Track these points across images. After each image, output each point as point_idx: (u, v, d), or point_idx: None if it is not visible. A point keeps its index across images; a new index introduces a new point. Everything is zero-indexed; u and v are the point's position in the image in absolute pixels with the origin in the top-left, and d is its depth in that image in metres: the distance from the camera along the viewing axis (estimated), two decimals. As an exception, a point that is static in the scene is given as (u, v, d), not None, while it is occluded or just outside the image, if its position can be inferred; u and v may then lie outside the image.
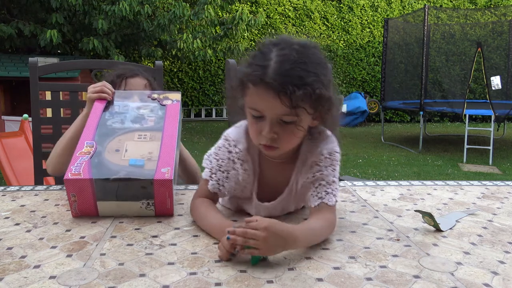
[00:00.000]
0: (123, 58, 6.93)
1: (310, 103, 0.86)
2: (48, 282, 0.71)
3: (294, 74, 0.83)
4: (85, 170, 0.99)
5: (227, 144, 1.01)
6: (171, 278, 0.73)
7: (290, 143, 0.91)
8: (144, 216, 1.02)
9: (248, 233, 0.76)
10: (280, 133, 0.88)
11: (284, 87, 0.82)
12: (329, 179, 0.96)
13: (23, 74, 6.45)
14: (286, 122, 0.87)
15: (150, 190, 0.99)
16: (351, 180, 1.56)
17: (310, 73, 0.84)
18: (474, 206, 1.16)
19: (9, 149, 3.75)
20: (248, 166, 1.00)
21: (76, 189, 0.98)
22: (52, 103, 1.71)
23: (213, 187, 1.00)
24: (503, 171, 5.36)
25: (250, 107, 0.89)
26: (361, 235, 0.93)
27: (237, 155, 0.99)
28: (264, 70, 0.84)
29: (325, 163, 0.96)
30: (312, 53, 0.87)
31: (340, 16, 10.15)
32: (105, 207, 1.01)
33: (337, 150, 0.98)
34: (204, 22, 7.36)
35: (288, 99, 0.82)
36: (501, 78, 6.40)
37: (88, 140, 1.08)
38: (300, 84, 0.82)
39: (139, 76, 1.45)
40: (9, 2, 7.33)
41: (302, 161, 0.98)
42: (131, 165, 1.01)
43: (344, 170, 5.23)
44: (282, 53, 0.85)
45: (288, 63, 0.83)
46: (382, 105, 7.80)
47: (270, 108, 0.85)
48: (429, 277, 0.74)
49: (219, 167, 1.00)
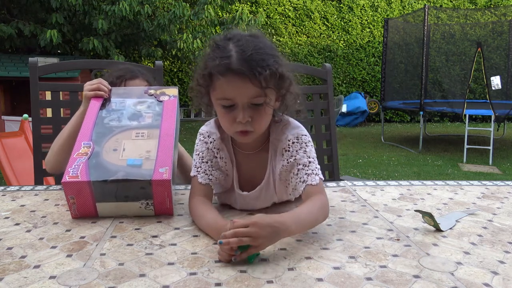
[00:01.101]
0: (123, 58, 6.93)
1: (275, 82, 0.92)
2: (48, 282, 0.71)
3: (256, 58, 0.89)
4: (82, 172, 0.98)
5: (201, 137, 1.08)
6: (171, 278, 0.73)
7: (263, 124, 0.96)
8: (144, 216, 1.02)
9: (239, 232, 0.77)
10: (253, 116, 0.93)
11: (252, 71, 0.88)
12: (304, 161, 1.00)
13: (23, 74, 6.45)
14: (257, 105, 0.92)
15: (149, 190, 0.98)
16: (351, 180, 1.56)
17: (269, 56, 0.91)
18: (474, 206, 1.16)
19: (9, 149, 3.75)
20: (223, 154, 1.06)
21: (75, 192, 0.97)
22: (52, 103, 1.71)
23: (203, 179, 1.04)
24: (503, 171, 5.36)
25: (220, 98, 0.93)
26: (361, 235, 0.93)
27: (211, 144, 1.06)
28: (228, 59, 0.89)
29: (295, 147, 1.01)
30: (264, 40, 0.94)
31: (340, 16, 10.15)
32: (105, 208, 1.00)
33: (303, 133, 1.03)
34: (204, 22, 7.36)
35: (257, 81, 0.88)
36: (501, 78, 6.40)
37: (85, 140, 1.07)
38: (264, 65, 0.89)
39: (139, 78, 1.44)
40: (9, 2, 7.33)
41: (274, 148, 1.04)
42: (129, 165, 1.00)
43: (344, 170, 5.23)
44: (239, 44, 0.91)
45: (248, 50, 0.89)
46: (382, 105, 7.80)
47: (241, 93, 0.91)
48: (429, 277, 0.74)
49: (201, 159, 1.06)
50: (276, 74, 0.91)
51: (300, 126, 1.05)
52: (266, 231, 0.78)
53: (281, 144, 1.02)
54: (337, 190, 1.30)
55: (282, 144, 1.02)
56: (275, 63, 0.91)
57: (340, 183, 1.39)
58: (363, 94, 9.45)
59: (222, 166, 1.07)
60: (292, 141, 1.01)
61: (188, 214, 1.05)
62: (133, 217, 1.02)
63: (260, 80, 0.88)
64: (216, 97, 0.94)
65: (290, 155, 1.01)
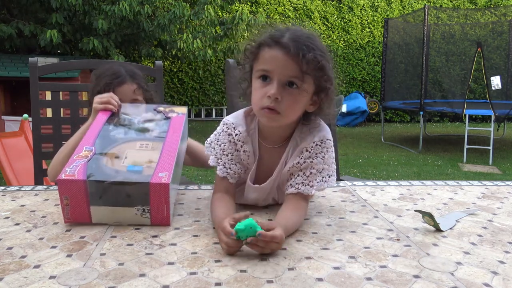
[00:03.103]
0: (123, 58, 6.93)
1: (315, 72, 0.92)
2: (48, 282, 0.71)
3: (305, 43, 0.92)
4: (80, 172, 0.96)
5: (225, 127, 1.06)
6: (171, 278, 0.73)
7: (291, 110, 0.95)
8: (140, 224, 0.97)
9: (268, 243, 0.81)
10: (284, 96, 0.92)
11: (297, 50, 0.90)
12: (319, 167, 1.01)
13: (23, 74, 6.45)
14: (291, 87, 0.92)
15: (146, 194, 0.95)
16: (351, 180, 1.56)
17: (317, 48, 0.93)
18: (474, 206, 1.16)
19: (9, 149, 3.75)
20: (248, 147, 1.04)
21: (69, 191, 0.94)
22: (52, 103, 1.71)
23: (222, 172, 1.05)
24: (503, 171, 5.36)
25: (260, 69, 0.94)
26: (361, 235, 0.93)
27: (237, 137, 1.04)
28: (281, 36, 0.92)
29: (316, 150, 1.01)
30: (318, 40, 0.96)
31: (340, 16, 10.15)
32: (99, 212, 0.97)
33: (329, 138, 1.03)
34: (204, 22, 7.36)
35: (299, 61, 0.90)
36: (501, 78, 6.40)
37: (88, 145, 1.06)
38: (310, 51, 0.91)
39: (127, 83, 1.41)
40: (9, 2, 7.33)
41: (293, 145, 1.03)
42: (129, 170, 0.98)
43: (344, 170, 5.23)
44: (294, 32, 0.94)
45: (301, 37, 0.92)
46: (382, 105, 7.80)
47: (280, 68, 0.92)
48: (429, 277, 0.74)
49: (222, 151, 1.05)
50: (319, 63, 0.91)
51: (328, 129, 1.04)
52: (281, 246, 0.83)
53: (304, 144, 1.01)
54: (337, 190, 1.30)
55: (305, 144, 1.01)
56: (321, 56, 0.92)
57: (340, 183, 1.39)
58: (363, 94, 9.45)
59: (244, 160, 1.05)
60: (316, 143, 1.01)
61: (188, 214, 1.05)
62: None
63: (302, 62, 0.90)
64: (257, 68, 0.96)
65: (308, 156, 1.01)
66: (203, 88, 10.02)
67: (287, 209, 0.98)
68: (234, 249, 0.81)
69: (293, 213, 0.97)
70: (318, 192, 1.25)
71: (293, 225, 0.94)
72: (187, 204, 1.14)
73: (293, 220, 0.94)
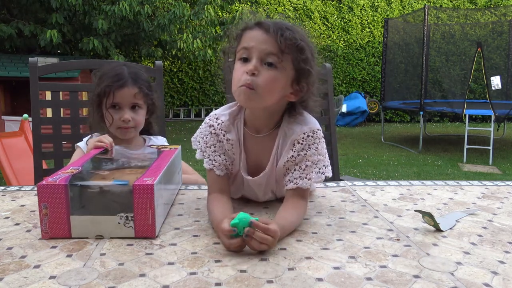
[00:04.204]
0: (123, 58, 6.94)
1: (294, 53, 0.94)
2: (48, 282, 0.71)
3: (286, 25, 0.95)
4: (62, 179, 0.91)
5: (208, 119, 1.08)
6: (171, 278, 0.73)
7: (267, 88, 0.95)
8: (123, 237, 0.90)
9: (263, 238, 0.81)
10: (262, 72, 0.94)
11: (275, 28, 0.93)
12: (314, 159, 1.02)
13: (23, 74, 6.46)
14: (270, 66, 0.94)
15: (129, 198, 0.88)
16: (351, 180, 1.56)
17: (297, 32, 0.95)
18: (474, 206, 1.16)
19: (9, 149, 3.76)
20: (231, 136, 1.05)
21: (49, 198, 0.89)
22: (52, 103, 1.71)
23: (208, 164, 1.06)
24: (503, 171, 5.36)
25: (241, 48, 0.96)
26: (361, 235, 0.93)
27: (219, 126, 1.06)
28: (263, 21, 0.96)
29: (308, 141, 1.02)
30: (303, 31, 0.98)
31: (340, 16, 10.15)
32: (79, 223, 0.90)
33: (318, 128, 1.04)
34: (204, 22, 7.37)
35: (277, 37, 0.92)
36: (501, 78, 6.40)
37: (75, 166, 1.02)
38: (289, 32, 0.93)
39: (127, 86, 1.39)
40: (9, 2, 7.33)
41: (283, 136, 1.04)
42: (114, 183, 0.90)
43: (344, 170, 5.23)
44: (278, 20, 0.97)
45: (282, 22, 0.96)
46: (382, 105, 7.80)
47: (259, 45, 0.94)
48: (429, 277, 0.74)
49: (206, 144, 1.07)
50: (297, 42, 0.93)
51: (314, 120, 1.05)
52: (276, 241, 0.84)
53: (294, 136, 1.01)
54: (337, 190, 1.30)
55: (295, 136, 1.01)
56: (301, 40, 0.94)
57: (340, 183, 1.39)
58: (363, 94, 9.45)
59: (228, 150, 1.06)
60: (308, 134, 1.01)
61: (188, 214, 1.05)
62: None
63: (279, 40, 0.92)
64: (237, 49, 0.98)
65: (301, 148, 1.01)
66: (203, 88, 10.02)
67: (285, 209, 0.99)
68: (241, 247, 0.82)
69: (291, 212, 0.97)
70: (318, 193, 1.26)
71: (291, 225, 0.94)
72: (187, 204, 1.14)
73: (290, 220, 0.95)
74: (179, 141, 7.05)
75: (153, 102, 1.47)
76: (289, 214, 0.97)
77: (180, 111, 10.15)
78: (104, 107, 1.40)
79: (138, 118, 1.42)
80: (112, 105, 1.40)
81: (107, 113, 1.40)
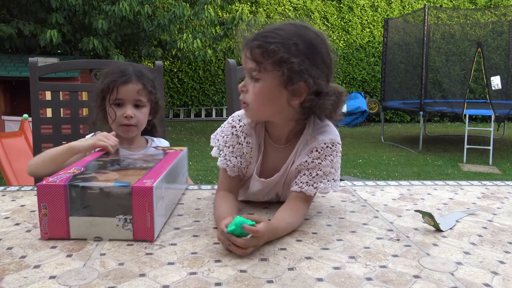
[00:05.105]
0: (123, 58, 6.94)
1: (269, 61, 0.92)
2: (48, 282, 0.71)
3: (259, 35, 0.95)
4: (62, 180, 0.90)
5: (231, 120, 1.09)
6: (171, 278, 0.73)
7: (256, 100, 0.97)
8: (121, 240, 0.89)
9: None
10: (249, 87, 0.97)
11: (245, 44, 0.96)
12: (326, 170, 1.02)
13: (23, 74, 6.45)
14: (255, 80, 0.96)
15: (129, 200, 0.87)
16: (351, 180, 1.56)
17: (271, 37, 0.93)
18: (474, 206, 1.16)
19: (9, 149, 3.76)
20: (251, 140, 1.05)
21: (49, 198, 0.89)
22: (52, 103, 1.71)
23: (221, 163, 1.07)
24: (503, 171, 5.36)
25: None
26: (361, 235, 0.93)
27: (240, 128, 1.06)
28: (245, 40, 0.98)
29: (326, 152, 1.02)
30: (290, 28, 0.95)
31: (340, 16, 10.15)
32: (78, 224, 0.89)
33: (339, 141, 1.04)
34: (204, 22, 7.37)
35: (249, 53, 0.94)
36: (501, 78, 6.40)
37: (77, 166, 1.02)
38: (260, 38, 0.93)
39: (131, 82, 1.39)
40: (9, 2, 7.33)
41: (303, 143, 1.04)
42: (115, 185, 0.90)
43: (344, 170, 5.23)
44: (266, 29, 0.97)
45: (262, 32, 0.96)
46: (382, 105, 7.81)
47: (244, 63, 0.98)
48: (429, 277, 0.74)
49: (225, 143, 1.08)
50: (266, 49, 0.92)
51: (337, 133, 1.05)
52: (265, 238, 0.85)
53: (315, 143, 1.02)
54: (337, 190, 1.30)
55: (316, 144, 1.01)
56: (282, 48, 0.91)
57: (340, 183, 1.39)
58: (363, 94, 9.45)
59: (246, 153, 1.06)
60: (327, 145, 1.02)
61: (188, 214, 1.05)
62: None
63: (251, 54, 0.94)
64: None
65: (317, 156, 1.01)
66: (203, 88, 10.02)
67: (284, 210, 0.99)
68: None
69: (290, 213, 0.97)
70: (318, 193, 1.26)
71: (287, 226, 0.93)
72: (187, 204, 1.14)
73: (287, 221, 0.94)
74: (179, 141, 7.05)
75: (156, 101, 1.47)
76: (287, 215, 0.97)
77: (180, 111, 10.15)
78: (107, 103, 1.40)
79: (140, 116, 1.42)
80: (115, 102, 1.39)
81: (110, 109, 1.40)
